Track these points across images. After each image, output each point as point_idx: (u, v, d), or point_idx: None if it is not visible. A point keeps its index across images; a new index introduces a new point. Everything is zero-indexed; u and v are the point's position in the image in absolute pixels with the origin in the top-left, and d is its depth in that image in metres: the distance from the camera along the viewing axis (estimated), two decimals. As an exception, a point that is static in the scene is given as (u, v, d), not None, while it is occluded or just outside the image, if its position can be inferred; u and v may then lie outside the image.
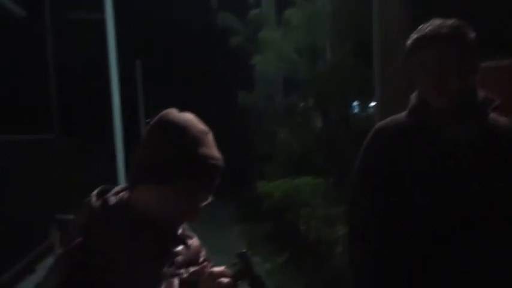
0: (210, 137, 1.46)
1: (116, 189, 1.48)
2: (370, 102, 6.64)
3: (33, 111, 10.27)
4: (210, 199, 1.46)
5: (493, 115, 1.92)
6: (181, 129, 1.42)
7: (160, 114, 1.46)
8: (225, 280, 1.40)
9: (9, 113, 8.70)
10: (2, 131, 7.01)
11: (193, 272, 1.46)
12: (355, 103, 7.58)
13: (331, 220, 5.00)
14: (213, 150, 1.45)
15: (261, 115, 10.00)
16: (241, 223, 9.12)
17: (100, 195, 1.44)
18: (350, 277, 2.04)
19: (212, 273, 1.42)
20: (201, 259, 1.55)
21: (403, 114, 1.99)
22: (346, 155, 5.77)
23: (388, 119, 2.05)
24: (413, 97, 1.98)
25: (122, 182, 6.15)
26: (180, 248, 1.48)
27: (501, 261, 1.85)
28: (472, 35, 1.86)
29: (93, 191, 1.46)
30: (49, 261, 6.63)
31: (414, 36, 1.88)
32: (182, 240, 1.51)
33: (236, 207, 10.17)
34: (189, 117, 1.47)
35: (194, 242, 1.56)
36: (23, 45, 10.05)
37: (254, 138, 11.33)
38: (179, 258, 1.46)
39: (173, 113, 1.46)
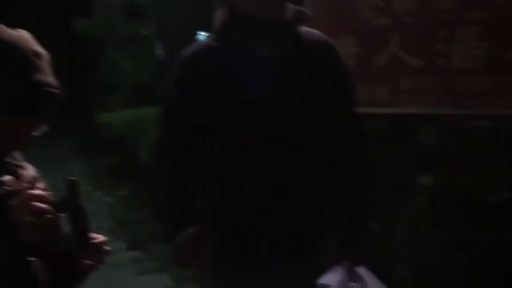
0: (46, 61, 1.30)
1: None
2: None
3: None
4: (44, 129, 1.33)
5: (306, 28, 1.91)
6: (13, 51, 1.25)
7: None
8: (43, 205, 1.22)
9: None
10: None
11: (8, 192, 1.27)
12: (200, 33, 7.43)
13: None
14: (48, 77, 1.30)
15: (101, 43, 9.51)
16: (83, 158, 8.78)
17: None
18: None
19: (30, 196, 1.24)
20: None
21: (210, 37, 1.91)
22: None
23: (194, 45, 1.96)
24: (219, 16, 1.89)
25: None
26: (7, 177, 1.30)
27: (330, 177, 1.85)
28: None
29: None
30: None
31: None
32: (11, 169, 1.35)
33: (77, 141, 9.77)
34: (23, 35, 1.29)
35: (28, 172, 1.39)
36: None
37: (96, 68, 10.81)
38: (5, 188, 1.28)
39: (4, 30, 1.27)
